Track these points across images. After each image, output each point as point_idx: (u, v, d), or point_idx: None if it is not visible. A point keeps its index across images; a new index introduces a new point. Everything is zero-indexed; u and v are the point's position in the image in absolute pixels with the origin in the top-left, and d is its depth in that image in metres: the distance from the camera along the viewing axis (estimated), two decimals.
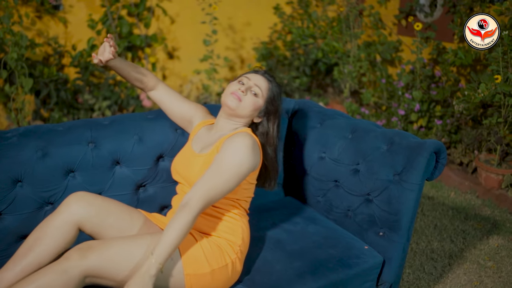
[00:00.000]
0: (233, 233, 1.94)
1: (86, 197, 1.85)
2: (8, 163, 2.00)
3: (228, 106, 1.96)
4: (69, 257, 1.66)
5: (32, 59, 4.40)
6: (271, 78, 2.05)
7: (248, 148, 1.85)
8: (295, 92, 5.24)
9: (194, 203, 1.73)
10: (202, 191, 1.76)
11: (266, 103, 2.01)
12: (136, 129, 2.25)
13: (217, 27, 4.95)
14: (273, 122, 2.03)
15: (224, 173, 1.81)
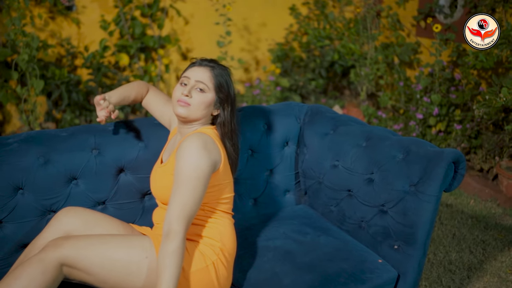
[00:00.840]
0: (212, 236, 1.87)
1: (75, 210, 1.88)
2: (9, 169, 1.95)
3: (179, 115, 1.88)
4: (46, 247, 1.68)
5: (44, 60, 4.37)
6: (212, 64, 1.92)
7: (197, 149, 1.74)
8: (311, 94, 5.14)
9: (174, 227, 1.65)
10: (176, 212, 1.68)
11: (216, 93, 1.90)
12: (142, 136, 2.18)
13: (231, 28, 4.87)
14: (227, 109, 1.93)
15: (186, 185, 1.72)
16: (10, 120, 4.48)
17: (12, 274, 1.62)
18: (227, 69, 1.95)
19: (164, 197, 1.87)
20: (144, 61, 4.84)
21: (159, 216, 1.95)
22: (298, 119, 2.52)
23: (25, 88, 3.83)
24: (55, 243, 1.68)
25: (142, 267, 1.72)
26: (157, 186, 1.91)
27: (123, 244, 1.74)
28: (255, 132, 2.40)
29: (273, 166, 2.46)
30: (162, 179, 1.89)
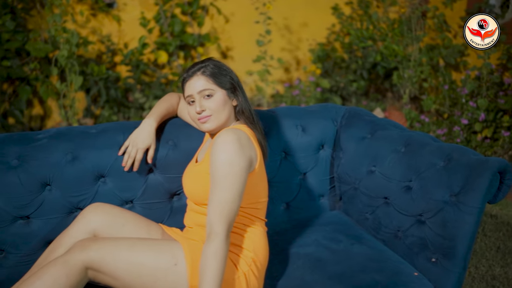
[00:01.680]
0: (243, 245, 1.80)
1: (102, 207, 1.82)
2: (37, 165, 1.93)
3: (209, 132, 1.85)
4: (72, 249, 1.63)
5: (85, 57, 4.40)
6: (198, 66, 1.83)
7: (231, 143, 1.67)
8: (351, 96, 5.02)
9: (215, 228, 1.60)
10: (216, 212, 1.62)
11: (222, 87, 1.82)
12: (171, 135, 2.13)
13: (272, 27, 4.80)
14: (240, 93, 1.86)
15: (223, 182, 1.65)
16: (50, 115, 4.54)
17: (36, 274, 1.59)
18: (212, 60, 1.87)
19: (198, 198, 1.81)
20: (183, 59, 4.82)
21: (190, 220, 1.89)
22: (334, 121, 2.42)
23: (64, 83, 3.86)
24: (82, 244, 1.64)
25: (170, 274, 1.66)
26: (191, 185, 1.85)
27: (152, 249, 1.69)
28: (289, 134, 2.32)
29: (307, 170, 2.37)
30: (197, 178, 1.82)
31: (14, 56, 3.92)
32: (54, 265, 1.59)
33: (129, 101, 4.58)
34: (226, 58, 5.09)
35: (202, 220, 1.82)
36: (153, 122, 1.97)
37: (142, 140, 1.95)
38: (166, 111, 2.05)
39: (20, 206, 1.92)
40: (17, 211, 1.92)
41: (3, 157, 1.91)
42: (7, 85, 4.18)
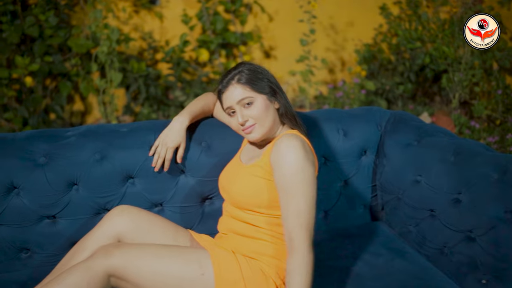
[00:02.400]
0: (279, 256, 1.68)
1: (129, 210, 1.74)
2: (65, 164, 1.87)
3: (256, 141, 1.75)
4: (95, 254, 1.56)
5: (126, 53, 4.38)
6: (232, 75, 1.72)
7: (298, 149, 1.58)
8: (397, 99, 4.82)
9: (295, 242, 1.54)
10: (292, 223, 1.55)
11: (260, 92, 1.70)
12: (204, 135, 2.03)
13: (316, 26, 4.66)
14: (280, 94, 1.74)
15: (295, 191, 1.57)
16: (91, 111, 4.54)
17: (56, 278, 1.52)
18: (245, 64, 1.76)
19: (245, 203, 1.69)
20: (225, 57, 4.74)
21: (226, 226, 1.78)
22: (379, 126, 2.27)
23: (104, 80, 3.84)
24: (105, 250, 1.56)
25: (196, 284, 1.57)
26: (238, 189, 1.71)
27: (178, 257, 1.60)
28: (330, 138, 2.18)
29: (348, 177, 2.23)
30: (247, 181, 1.69)
31: (56, 52, 3.93)
32: (75, 271, 1.52)
33: (169, 99, 4.53)
34: (269, 57, 4.98)
35: (241, 227, 1.71)
36: (184, 120, 1.88)
37: (172, 139, 1.86)
38: (200, 110, 1.95)
39: (47, 205, 1.87)
40: (43, 210, 1.87)
41: (30, 154, 1.86)
42: (49, 81, 4.19)
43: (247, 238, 1.70)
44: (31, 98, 3.86)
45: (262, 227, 1.69)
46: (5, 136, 1.90)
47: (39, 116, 3.95)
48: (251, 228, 1.70)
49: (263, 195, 1.66)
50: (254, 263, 1.65)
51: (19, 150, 1.86)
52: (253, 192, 1.66)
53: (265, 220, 1.69)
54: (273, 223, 1.69)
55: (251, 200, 1.67)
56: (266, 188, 1.66)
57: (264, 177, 1.66)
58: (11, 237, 1.86)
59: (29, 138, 1.90)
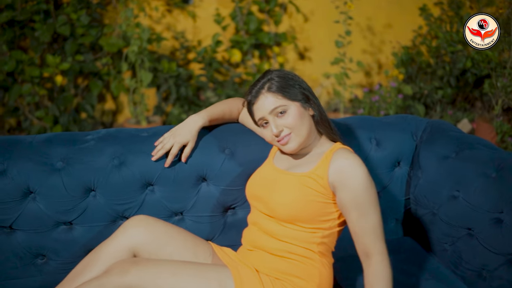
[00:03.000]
0: (307, 278, 1.57)
1: (146, 222, 1.64)
2: (82, 169, 1.81)
3: (292, 152, 1.65)
4: (110, 271, 1.48)
5: (158, 53, 4.34)
6: (262, 83, 1.63)
7: (361, 165, 1.56)
8: (436, 104, 4.64)
9: (372, 249, 1.54)
10: (371, 237, 1.54)
11: (293, 100, 1.61)
12: (228, 142, 1.93)
13: (353, 27, 4.52)
14: (312, 102, 1.65)
15: (372, 209, 1.56)
16: (122, 111, 4.52)
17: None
18: (273, 71, 1.67)
19: (288, 213, 1.57)
20: (258, 58, 4.65)
21: (253, 240, 1.67)
22: (414, 135, 2.13)
23: (134, 79, 3.80)
24: (121, 267, 1.48)
25: None
26: (281, 197, 1.60)
27: (197, 275, 1.50)
28: (362, 147, 2.06)
29: (380, 189, 2.09)
30: (295, 190, 1.59)
31: (88, 51, 3.91)
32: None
33: (200, 99, 4.47)
34: (304, 59, 4.87)
35: (271, 244, 1.60)
36: (199, 120, 1.80)
37: (182, 134, 1.79)
38: (220, 114, 1.87)
39: (63, 211, 1.81)
40: (59, 216, 1.81)
41: (47, 158, 1.81)
42: (81, 80, 4.19)
43: (275, 257, 1.60)
44: (62, 97, 3.86)
45: (295, 243, 1.59)
46: (23, 139, 1.85)
47: (70, 115, 3.94)
48: (283, 246, 1.59)
49: (312, 208, 1.57)
50: (278, 284, 1.55)
51: (36, 154, 1.80)
52: (301, 205, 1.57)
53: (301, 235, 1.59)
54: (308, 239, 1.59)
55: (297, 212, 1.57)
56: (316, 202, 1.57)
57: (316, 190, 1.57)
58: (27, 242, 1.81)
59: (46, 141, 1.84)
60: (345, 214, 1.56)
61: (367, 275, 1.54)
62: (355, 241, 1.57)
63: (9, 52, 3.63)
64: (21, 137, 1.86)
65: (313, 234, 1.58)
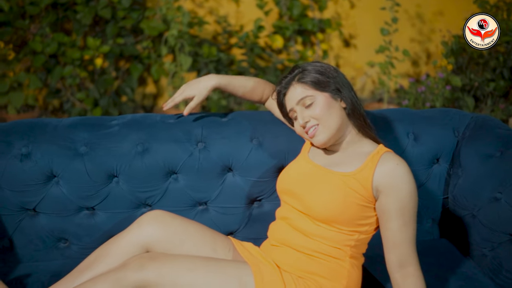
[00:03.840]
0: (333, 278, 1.49)
1: (162, 217, 1.57)
2: (105, 154, 1.78)
3: (322, 146, 1.58)
4: (127, 265, 1.43)
5: (200, 37, 4.29)
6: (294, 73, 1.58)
7: (410, 174, 1.51)
8: (487, 97, 4.42)
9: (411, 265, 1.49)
10: (410, 246, 1.49)
11: (322, 90, 1.54)
12: (256, 132, 1.86)
13: (400, 15, 4.34)
14: (344, 93, 1.56)
15: (410, 217, 1.50)
16: (163, 94, 4.52)
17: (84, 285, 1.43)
18: (305, 63, 1.61)
19: (324, 212, 1.49)
20: (301, 44, 4.54)
21: (281, 236, 1.59)
22: (456, 131, 2.00)
23: (174, 63, 3.77)
24: (139, 262, 1.43)
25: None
26: (319, 196, 1.51)
27: (216, 272, 1.45)
28: (398, 141, 1.94)
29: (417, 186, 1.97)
30: (337, 189, 1.50)
31: (129, 34, 3.90)
32: (103, 282, 1.40)
33: None
34: (349, 46, 4.72)
35: (301, 242, 1.53)
36: (214, 80, 1.76)
37: (192, 88, 1.77)
38: (241, 86, 1.80)
39: (85, 196, 1.79)
40: (82, 201, 1.80)
41: (72, 143, 1.79)
42: (123, 62, 4.20)
43: (301, 255, 1.52)
44: (102, 79, 3.87)
45: (326, 243, 1.51)
46: (48, 123, 1.83)
47: (110, 97, 3.96)
48: (313, 244, 1.51)
49: (351, 210, 1.49)
50: (301, 282, 1.48)
51: (61, 138, 1.78)
52: (342, 207, 1.48)
53: (336, 236, 1.51)
54: (342, 241, 1.51)
55: (336, 213, 1.48)
56: (356, 204, 1.49)
57: (358, 192, 1.49)
58: (50, 226, 1.80)
59: (71, 126, 1.82)
60: (385, 220, 1.48)
61: (403, 286, 1.48)
62: (390, 250, 1.49)
63: (52, 34, 3.66)
64: (47, 120, 1.85)
65: (348, 237, 1.50)
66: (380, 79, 4.31)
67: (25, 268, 1.75)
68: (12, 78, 3.63)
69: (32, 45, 3.57)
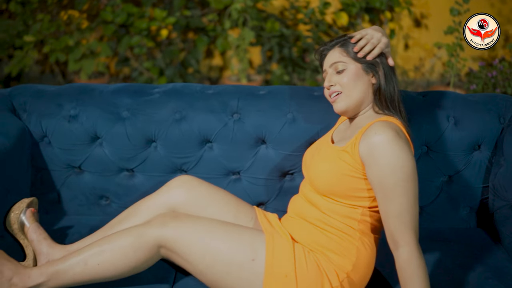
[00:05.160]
0: (342, 254, 1.49)
1: (190, 183, 1.66)
2: (145, 120, 1.88)
3: (340, 113, 1.59)
4: (151, 222, 1.51)
5: (267, 12, 4.31)
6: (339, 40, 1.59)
7: (393, 143, 1.40)
8: None
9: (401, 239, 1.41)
10: (397, 224, 1.41)
11: (355, 61, 1.55)
12: (291, 107, 1.89)
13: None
14: (379, 70, 1.55)
15: (394, 191, 1.41)
16: (228, 67, 4.59)
17: (108, 237, 1.52)
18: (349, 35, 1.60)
19: (324, 186, 1.53)
20: (368, 23, 4.44)
21: (296, 207, 1.64)
22: (501, 118, 1.92)
23: (236, 38, 3.83)
24: (161, 220, 1.51)
25: (245, 269, 1.47)
26: (319, 169, 1.56)
27: (231, 237, 1.50)
28: (437, 125, 1.90)
29: (454, 172, 1.93)
30: (332, 164, 1.52)
31: (195, 6, 3.99)
32: (127, 235, 1.49)
33: (305, 62, 4.40)
34: (420, 26, 4.56)
35: (311, 213, 1.56)
36: None
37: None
38: None
39: (125, 158, 1.90)
40: (122, 162, 1.91)
41: (115, 107, 1.89)
42: (192, 34, 4.31)
43: (314, 228, 1.55)
44: (169, 50, 4.00)
45: (335, 217, 1.53)
46: (96, 88, 1.95)
47: (176, 68, 4.08)
48: (323, 217, 1.54)
49: (345, 182, 1.49)
50: (311, 255, 1.50)
51: (105, 103, 1.90)
52: (335, 179, 1.50)
53: (341, 209, 1.52)
54: (348, 214, 1.52)
55: (330, 187, 1.51)
56: (348, 176, 1.49)
57: (349, 164, 1.49)
58: (93, 183, 1.93)
59: (115, 91, 1.93)
60: (374, 193, 1.46)
61: (398, 269, 1.43)
62: (384, 226, 1.46)
63: (122, 5, 3.81)
64: (94, 86, 1.96)
65: (353, 210, 1.50)
66: (447, 62, 4.15)
67: (69, 220, 1.90)
68: (85, 46, 3.84)
69: (103, 15, 3.75)
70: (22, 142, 1.83)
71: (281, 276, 1.46)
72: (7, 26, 3.67)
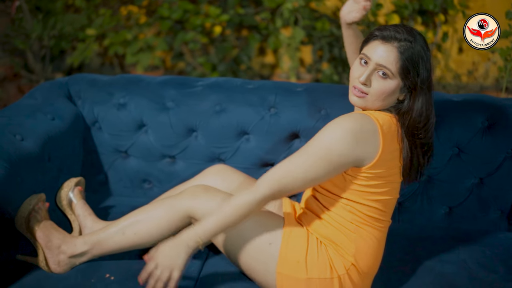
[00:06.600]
0: (343, 246, 1.55)
1: (224, 170, 1.79)
2: (187, 111, 2.01)
3: (353, 104, 1.55)
4: (183, 193, 1.61)
5: (320, 12, 4.37)
6: (399, 37, 1.47)
7: (343, 131, 1.44)
8: None
9: (261, 186, 1.47)
10: (275, 174, 1.47)
11: (401, 78, 1.48)
12: (325, 103, 1.97)
13: None
14: (416, 97, 1.50)
15: (304, 156, 1.47)
16: (279, 64, 4.68)
17: (144, 208, 1.63)
18: (418, 39, 1.48)
19: None
20: (421, 25, 4.41)
21: (305, 200, 1.70)
22: None
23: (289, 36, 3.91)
24: (193, 192, 1.60)
25: (262, 252, 1.55)
26: None
27: (255, 219, 1.57)
28: (469, 127, 1.92)
29: (485, 175, 1.95)
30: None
31: (249, 5, 4.10)
32: (161, 205, 1.60)
33: None
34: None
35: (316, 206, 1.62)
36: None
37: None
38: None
39: (168, 145, 2.03)
40: (165, 149, 2.04)
41: (161, 98, 2.03)
42: (245, 32, 4.42)
43: (318, 220, 1.61)
44: (222, 46, 4.13)
45: (330, 209, 1.58)
46: (143, 79, 2.10)
47: (228, 64, 4.21)
48: (320, 208, 1.61)
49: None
50: (322, 247, 1.56)
51: (152, 93, 2.04)
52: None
53: (333, 202, 1.57)
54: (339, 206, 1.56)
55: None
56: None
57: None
58: (137, 167, 2.08)
59: (162, 83, 2.07)
60: None
61: (235, 197, 1.50)
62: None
63: (178, 1, 3.97)
64: (142, 77, 2.11)
65: (339, 202, 1.55)
66: (500, 67, 4.07)
67: (113, 200, 2.05)
68: (143, 40, 4.03)
69: (160, 11, 3.92)
70: (76, 126, 2.00)
71: (293, 261, 1.53)
72: (72, 19, 3.92)
